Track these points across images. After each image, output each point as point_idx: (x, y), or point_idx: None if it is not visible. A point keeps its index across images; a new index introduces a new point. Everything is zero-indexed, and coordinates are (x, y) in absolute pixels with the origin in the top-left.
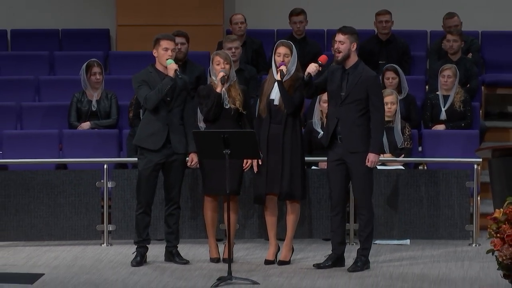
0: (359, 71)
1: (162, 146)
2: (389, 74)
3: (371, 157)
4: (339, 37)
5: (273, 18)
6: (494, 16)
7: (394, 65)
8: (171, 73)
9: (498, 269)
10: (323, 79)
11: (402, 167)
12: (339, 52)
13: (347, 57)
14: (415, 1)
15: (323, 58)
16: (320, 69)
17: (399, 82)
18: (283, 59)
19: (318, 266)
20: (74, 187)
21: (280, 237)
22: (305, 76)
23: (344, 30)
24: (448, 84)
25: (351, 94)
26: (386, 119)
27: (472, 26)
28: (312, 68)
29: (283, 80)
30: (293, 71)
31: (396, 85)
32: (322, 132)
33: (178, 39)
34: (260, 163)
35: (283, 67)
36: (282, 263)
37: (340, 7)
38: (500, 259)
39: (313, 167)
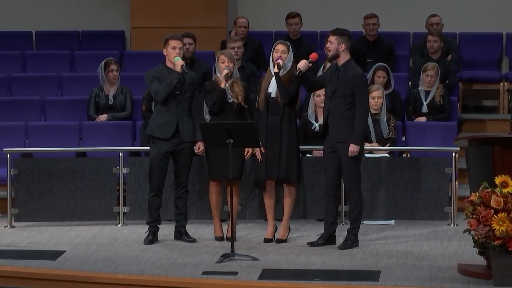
0: (348, 69)
1: (172, 136)
2: (381, 73)
3: (351, 147)
4: (330, 37)
5: (271, 21)
6: (470, 19)
7: (385, 65)
8: (178, 68)
9: (474, 246)
10: (322, 76)
11: (387, 155)
12: (329, 51)
13: (336, 55)
14: (399, 6)
15: (313, 56)
16: (311, 65)
17: (388, 80)
18: (281, 55)
19: (312, 244)
20: (92, 173)
21: (278, 218)
22: (296, 71)
23: (334, 31)
24: (431, 82)
25: (338, 90)
26: (373, 111)
27: (450, 28)
28: (301, 64)
29: (280, 73)
30: (289, 67)
31: (385, 82)
32: (316, 123)
33: (187, 40)
34: (263, 151)
35: (280, 61)
36: (279, 241)
37: (332, 11)
38: (476, 238)
39: (307, 155)
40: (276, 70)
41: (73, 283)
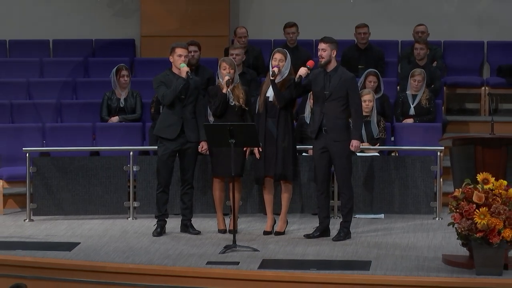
0: (339, 74)
1: (178, 136)
2: (371, 78)
3: (354, 143)
4: (322, 45)
5: (270, 30)
6: (454, 28)
7: (376, 70)
8: (183, 74)
9: (457, 238)
10: (307, 82)
11: (377, 154)
12: (322, 58)
13: (328, 61)
14: (388, 16)
15: (310, 63)
16: (309, 72)
17: (378, 84)
18: (278, 63)
19: (308, 236)
20: (105, 170)
21: (276, 212)
22: (296, 78)
23: (325, 39)
24: (418, 86)
25: (334, 93)
26: (364, 114)
27: (436, 37)
28: (303, 71)
29: (275, 80)
30: (286, 74)
31: (375, 87)
32: None
33: (192, 48)
34: (261, 150)
35: (275, 69)
36: (278, 233)
37: (326, 21)
38: (459, 231)
39: (303, 154)
40: (271, 77)
41: (87, 273)
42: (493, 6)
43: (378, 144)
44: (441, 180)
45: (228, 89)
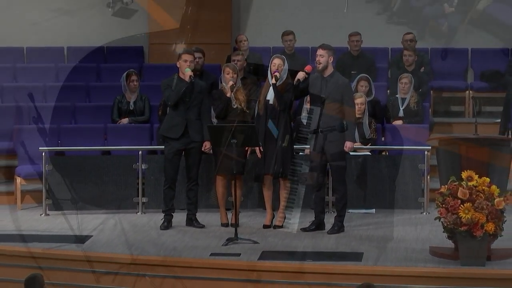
0: (335, 79)
1: (182, 136)
2: (363, 83)
3: (348, 144)
4: (320, 51)
5: (269, 38)
6: (441, 36)
7: (367, 75)
8: (186, 78)
9: (443, 232)
10: (305, 85)
11: (369, 153)
12: (320, 64)
13: (326, 67)
14: (379, 25)
15: (308, 68)
16: (307, 76)
17: (369, 88)
18: (277, 68)
19: (304, 229)
20: (116, 168)
21: (275, 207)
22: (295, 81)
23: (324, 46)
24: (405, 89)
25: (330, 96)
26: (357, 116)
27: (423, 44)
28: (301, 75)
29: (276, 83)
30: (284, 78)
31: (367, 91)
32: None
33: (197, 54)
34: (262, 149)
35: (277, 73)
36: (276, 227)
37: (322, 29)
38: (445, 224)
39: (300, 153)
40: (273, 81)
41: (99, 263)
42: (481, 16)
43: (370, 144)
44: (428, 177)
45: (232, 93)
